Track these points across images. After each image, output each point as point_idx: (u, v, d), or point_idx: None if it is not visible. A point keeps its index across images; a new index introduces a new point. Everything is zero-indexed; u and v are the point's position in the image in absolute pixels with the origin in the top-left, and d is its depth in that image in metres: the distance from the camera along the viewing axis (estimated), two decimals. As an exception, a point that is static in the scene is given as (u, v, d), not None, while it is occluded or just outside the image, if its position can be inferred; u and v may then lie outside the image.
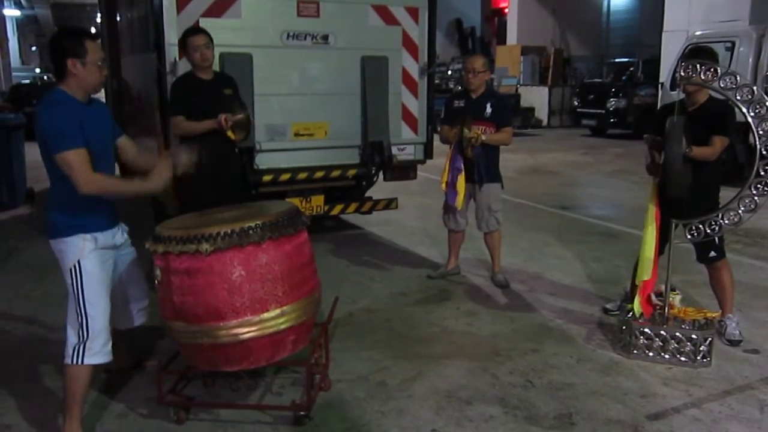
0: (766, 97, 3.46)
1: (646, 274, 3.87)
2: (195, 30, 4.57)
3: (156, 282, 2.95)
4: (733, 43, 10.02)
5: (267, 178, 5.55)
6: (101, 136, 2.96)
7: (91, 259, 2.93)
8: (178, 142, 4.78)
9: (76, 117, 2.81)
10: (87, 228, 2.94)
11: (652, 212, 3.92)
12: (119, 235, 3.16)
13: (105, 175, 2.89)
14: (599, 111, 16.71)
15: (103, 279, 2.98)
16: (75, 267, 2.90)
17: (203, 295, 2.80)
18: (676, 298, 4.00)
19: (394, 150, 6.01)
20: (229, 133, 4.34)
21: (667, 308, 3.85)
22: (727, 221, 3.65)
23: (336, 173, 5.88)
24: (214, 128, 4.32)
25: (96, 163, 2.86)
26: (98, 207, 2.96)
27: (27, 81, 24.88)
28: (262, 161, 5.50)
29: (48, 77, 28.29)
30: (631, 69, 17.34)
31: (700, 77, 3.55)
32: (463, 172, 4.86)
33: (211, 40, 4.47)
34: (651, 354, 3.78)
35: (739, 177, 5.89)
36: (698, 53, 3.83)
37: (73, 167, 2.77)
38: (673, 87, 10.04)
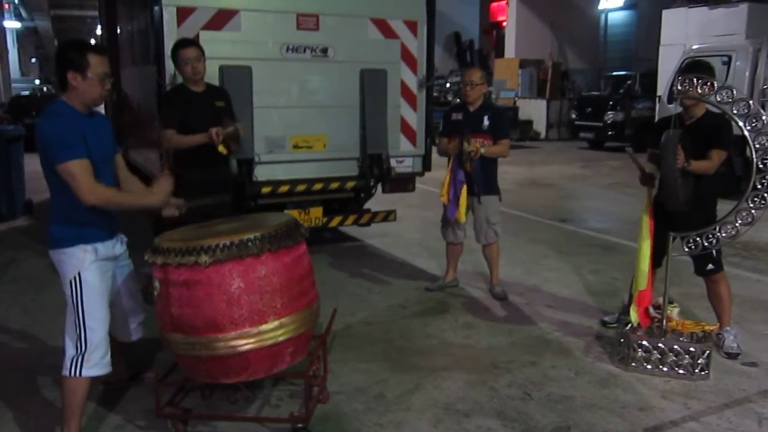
0: (762, 111, 3.48)
1: (641, 285, 3.89)
2: (185, 42, 4.45)
3: (155, 294, 2.95)
4: (730, 57, 10.08)
5: (266, 189, 5.56)
6: (102, 148, 2.97)
7: (92, 270, 2.93)
8: (170, 156, 4.73)
9: (77, 128, 2.82)
10: (87, 239, 2.94)
11: (647, 224, 3.93)
12: (118, 245, 3.17)
13: (108, 186, 2.89)
14: (597, 124, 16.80)
15: (102, 291, 2.98)
16: (75, 278, 2.91)
17: (202, 307, 2.80)
18: (674, 311, 4.01)
19: (393, 162, 6.03)
20: (221, 148, 4.24)
21: (665, 321, 3.86)
22: (724, 234, 3.66)
23: (335, 185, 5.89)
24: (205, 142, 4.23)
25: (97, 174, 2.87)
26: (98, 217, 2.97)
27: (26, 92, 24.96)
28: (261, 173, 5.52)
29: (47, 88, 28.37)
30: (629, 82, 17.42)
31: (697, 91, 3.58)
32: (465, 185, 4.88)
33: (203, 52, 4.39)
34: (649, 367, 3.78)
35: (736, 190, 5.90)
36: (695, 67, 3.87)
37: (75, 177, 2.78)
38: (670, 100, 10.10)
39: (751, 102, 3.51)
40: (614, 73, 19.42)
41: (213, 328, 2.80)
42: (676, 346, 3.73)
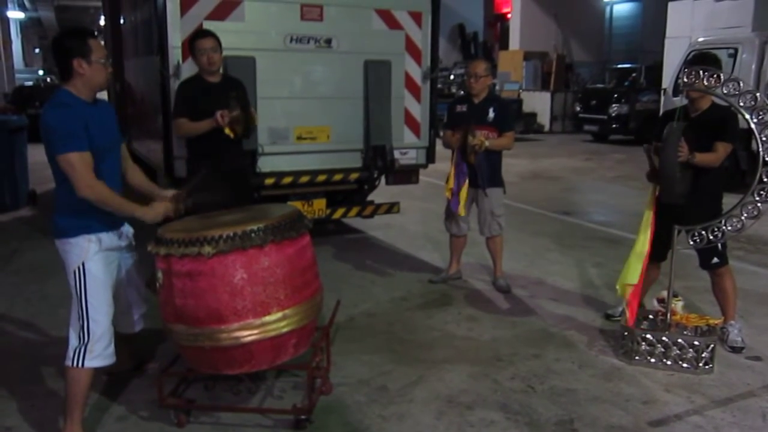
0: (769, 103, 3.46)
1: (631, 277, 3.85)
2: (203, 33, 4.52)
3: (158, 285, 2.95)
4: (736, 50, 10.03)
5: (269, 181, 5.55)
6: (106, 135, 2.97)
7: (96, 261, 2.93)
8: (182, 144, 4.78)
9: (81, 119, 2.81)
10: (92, 228, 2.94)
11: (648, 218, 3.92)
12: (124, 236, 3.16)
13: (105, 186, 2.87)
14: (601, 117, 16.71)
15: (106, 282, 2.98)
16: (79, 269, 2.90)
17: (205, 298, 2.80)
18: (678, 305, 4.00)
19: (397, 154, 6.01)
20: (227, 131, 4.27)
21: (669, 314, 3.84)
22: (729, 228, 3.64)
23: (338, 177, 5.88)
24: (213, 127, 4.26)
25: (100, 162, 2.87)
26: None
27: (30, 83, 24.94)
28: (265, 164, 5.50)
29: (51, 79, 28.35)
30: (634, 75, 17.34)
31: (703, 83, 3.55)
32: (467, 179, 4.87)
33: (220, 43, 4.45)
34: (653, 360, 3.77)
35: (741, 184, 5.88)
36: (702, 59, 3.84)
37: (74, 169, 2.77)
38: (675, 93, 10.06)
39: (757, 94, 3.48)
40: (619, 66, 19.33)
41: (216, 319, 2.80)
42: (680, 340, 3.72)
